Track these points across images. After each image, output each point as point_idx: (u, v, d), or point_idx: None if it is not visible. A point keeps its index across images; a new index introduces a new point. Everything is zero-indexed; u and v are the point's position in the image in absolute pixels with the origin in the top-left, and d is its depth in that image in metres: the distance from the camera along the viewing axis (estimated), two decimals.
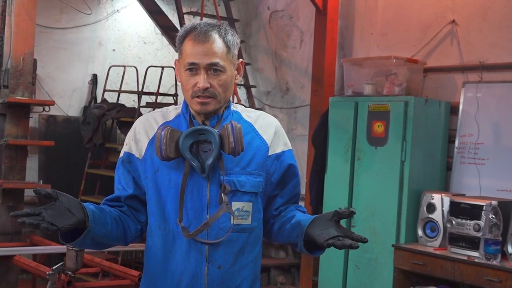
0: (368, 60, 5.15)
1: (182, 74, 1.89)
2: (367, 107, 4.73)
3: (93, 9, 6.77)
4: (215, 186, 1.87)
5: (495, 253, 3.92)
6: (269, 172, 1.96)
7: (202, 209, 1.87)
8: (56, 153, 6.28)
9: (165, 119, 1.96)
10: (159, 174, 1.90)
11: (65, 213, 1.70)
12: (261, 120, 1.99)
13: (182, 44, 1.89)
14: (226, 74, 1.88)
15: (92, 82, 6.78)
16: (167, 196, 1.88)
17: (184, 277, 1.87)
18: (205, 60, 1.84)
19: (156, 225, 1.91)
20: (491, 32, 4.65)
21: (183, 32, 1.90)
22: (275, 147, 1.97)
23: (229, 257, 1.88)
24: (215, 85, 1.86)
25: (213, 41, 1.86)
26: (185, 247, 1.87)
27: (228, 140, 1.82)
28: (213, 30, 1.88)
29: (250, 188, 1.90)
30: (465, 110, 4.66)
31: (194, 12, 6.71)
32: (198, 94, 1.85)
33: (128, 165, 1.95)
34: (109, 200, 1.98)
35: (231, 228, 1.86)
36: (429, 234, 4.37)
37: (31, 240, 5.04)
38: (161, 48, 7.18)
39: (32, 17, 4.97)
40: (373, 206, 4.67)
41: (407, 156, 4.49)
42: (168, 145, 1.83)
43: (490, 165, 4.47)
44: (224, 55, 1.87)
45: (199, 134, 1.86)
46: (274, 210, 2.02)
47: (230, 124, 1.85)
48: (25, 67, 4.95)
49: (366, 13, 5.56)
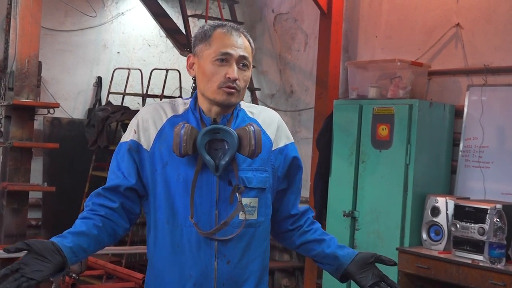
0: (372, 63, 5.15)
1: (208, 65, 1.88)
2: (371, 110, 4.72)
3: (98, 12, 6.78)
4: (224, 182, 1.89)
5: (499, 257, 3.91)
6: (274, 167, 1.98)
7: (211, 205, 1.88)
8: (61, 156, 6.28)
9: (174, 112, 1.95)
10: (168, 168, 1.89)
11: (42, 262, 1.69)
12: (263, 115, 2.02)
13: (210, 37, 1.90)
14: (249, 71, 1.93)
15: (96, 84, 6.79)
16: (176, 190, 1.88)
17: (193, 272, 1.88)
18: (239, 52, 1.88)
19: (164, 219, 1.90)
20: (495, 35, 4.64)
21: (209, 27, 1.93)
22: (278, 141, 2.00)
23: (237, 252, 1.90)
24: (241, 79, 1.89)
25: (243, 37, 1.93)
26: (195, 242, 1.87)
27: (250, 143, 1.85)
28: (240, 30, 1.94)
29: (256, 184, 1.92)
30: (470, 113, 4.65)
31: (199, 15, 6.72)
32: (227, 84, 1.86)
33: (136, 154, 1.92)
34: (107, 189, 1.92)
35: (243, 224, 1.88)
36: (434, 237, 4.36)
37: None
38: (165, 50, 7.18)
39: (37, 20, 4.98)
40: (377, 209, 4.66)
41: (412, 159, 4.48)
42: (187, 142, 1.83)
43: (495, 169, 4.46)
44: (250, 53, 1.93)
45: (215, 133, 1.87)
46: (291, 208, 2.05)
47: (252, 127, 1.87)
48: (30, 70, 4.96)
49: (370, 16, 5.55)
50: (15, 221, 4.94)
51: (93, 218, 1.88)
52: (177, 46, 6.31)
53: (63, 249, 1.75)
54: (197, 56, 1.93)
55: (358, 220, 4.77)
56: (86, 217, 1.89)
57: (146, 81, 6.33)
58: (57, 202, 6.26)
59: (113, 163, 1.96)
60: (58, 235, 1.82)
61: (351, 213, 4.81)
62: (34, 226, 6.24)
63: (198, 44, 1.93)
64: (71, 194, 6.30)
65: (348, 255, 1.98)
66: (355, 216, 4.80)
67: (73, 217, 6.83)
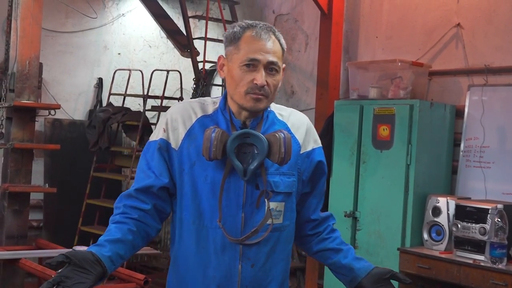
0: (373, 63, 5.14)
1: (236, 69, 1.86)
2: (372, 111, 4.72)
3: (99, 13, 6.78)
4: (252, 186, 1.88)
5: (500, 257, 3.90)
6: (300, 171, 1.97)
7: (237, 208, 1.87)
8: (62, 157, 6.29)
9: (204, 112, 1.94)
10: (195, 168, 1.88)
11: (83, 274, 1.68)
12: (292, 118, 2.00)
13: (239, 40, 1.87)
14: (279, 76, 1.91)
15: (97, 85, 6.79)
16: (203, 191, 1.88)
17: (217, 274, 1.87)
18: (266, 57, 1.85)
19: (190, 220, 1.89)
20: (496, 36, 4.63)
21: (239, 28, 1.89)
22: (306, 145, 1.99)
23: (262, 256, 1.90)
24: (270, 84, 1.87)
25: (273, 41, 1.89)
26: (220, 244, 1.87)
27: (279, 150, 1.84)
28: (271, 31, 1.90)
29: (284, 188, 1.92)
30: (471, 113, 4.64)
31: (200, 16, 6.72)
32: (254, 90, 1.85)
33: (166, 153, 1.91)
34: (139, 190, 1.89)
35: (269, 228, 1.88)
36: (435, 237, 4.35)
37: (37, 243, 5.06)
38: (166, 51, 7.18)
39: (38, 21, 4.99)
40: (378, 209, 4.66)
41: (413, 160, 4.48)
42: (217, 147, 1.82)
43: (496, 169, 4.45)
44: (280, 56, 1.90)
45: (245, 137, 1.87)
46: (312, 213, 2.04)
47: (282, 134, 1.86)
48: (31, 71, 4.96)
49: (371, 16, 5.55)
50: (16, 222, 4.94)
51: (127, 223, 1.86)
52: (177, 47, 6.31)
53: (102, 259, 1.74)
54: (227, 59, 1.91)
55: (359, 221, 4.77)
56: (119, 222, 1.87)
57: (147, 82, 6.32)
58: (58, 203, 6.27)
59: (141, 162, 1.94)
60: (96, 244, 1.81)
61: (352, 214, 4.80)
62: (36, 228, 6.25)
63: (227, 46, 1.91)
64: (72, 195, 6.31)
65: (363, 268, 1.97)
66: (356, 217, 4.79)
67: (74, 218, 6.88)
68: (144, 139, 6.20)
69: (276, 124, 1.95)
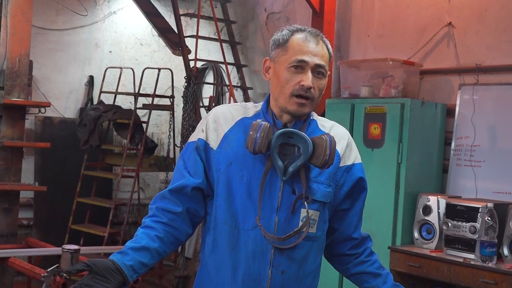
0: (364, 62, 5.13)
1: (284, 71, 1.86)
2: (363, 109, 4.71)
3: (90, 11, 6.76)
4: (288, 190, 1.85)
5: (490, 255, 3.91)
6: (339, 184, 1.95)
7: (272, 211, 1.85)
8: (52, 155, 6.27)
9: (245, 115, 1.94)
10: (232, 168, 1.87)
11: (103, 282, 1.69)
12: (334, 130, 1.98)
13: (288, 41, 1.88)
14: (325, 80, 1.91)
15: (88, 83, 6.78)
16: (237, 192, 1.86)
17: (246, 277, 1.85)
18: (315, 60, 1.86)
19: (223, 220, 1.87)
20: (487, 35, 4.64)
21: (287, 32, 1.91)
22: (346, 159, 1.96)
23: (293, 264, 1.86)
24: (315, 88, 1.87)
25: (322, 45, 1.90)
26: (251, 246, 1.84)
27: (324, 152, 1.81)
28: (319, 36, 1.91)
29: (320, 197, 1.89)
30: (462, 112, 4.65)
31: (191, 14, 6.70)
32: (300, 92, 1.84)
33: (204, 153, 1.91)
34: (173, 191, 1.90)
35: (303, 235, 1.84)
36: (425, 236, 4.36)
37: (27, 242, 5.03)
38: (157, 50, 7.17)
39: (28, 18, 4.96)
40: (369, 208, 4.59)
41: (404, 158, 4.48)
42: (264, 139, 1.80)
43: (486, 168, 4.46)
44: (328, 60, 1.90)
45: (289, 137, 1.84)
46: (353, 231, 2.01)
47: (329, 137, 1.83)
48: (21, 69, 4.94)
49: (362, 15, 5.55)
50: (6, 220, 4.92)
51: (155, 228, 1.86)
52: (169, 45, 6.29)
53: (123, 268, 1.75)
54: (274, 61, 1.91)
55: None
56: (147, 226, 1.87)
57: (138, 80, 6.30)
58: (49, 201, 6.25)
59: (179, 162, 1.95)
60: (119, 251, 1.81)
61: None
62: (26, 226, 6.22)
63: (275, 49, 1.92)
64: (63, 194, 6.29)
65: None
66: None
67: (65, 216, 6.84)
68: (135, 137, 6.19)
69: (318, 132, 1.92)
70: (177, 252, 5.88)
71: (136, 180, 6.21)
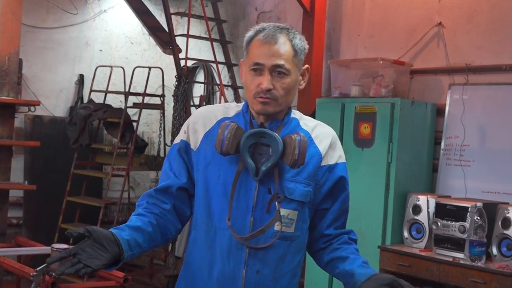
0: (355, 61, 5.13)
1: (247, 74, 1.89)
2: (353, 109, 4.71)
3: (80, 9, 6.73)
4: (264, 189, 1.86)
5: (480, 255, 3.93)
6: (319, 183, 1.93)
7: (247, 211, 1.85)
8: (42, 154, 6.23)
9: (225, 115, 1.95)
10: (209, 168, 1.89)
11: (99, 250, 1.70)
12: (318, 129, 1.97)
13: (249, 45, 1.90)
14: (290, 78, 1.87)
15: (78, 82, 6.75)
16: (214, 191, 1.88)
17: (220, 276, 1.86)
18: (270, 61, 1.84)
19: (201, 219, 1.90)
20: (477, 35, 4.65)
21: (252, 33, 1.91)
22: (329, 158, 1.95)
23: (268, 264, 1.86)
24: (278, 88, 1.85)
25: (280, 43, 1.86)
26: (226, 246, 1.86)
27: (293, 152, 1.81)
28: (282, 32, 1.88)
29: (298, 196, 1.88)
30: (451, 112, 4.66)
31: (182, 13, 6.69)
32: (260, 94, 1.85)
33: (185, 154, 1.94)
34: (159, 190, 1.93)
35: (277, 235, 1.84)
36: (415, 235, 4.37)
37: (16, 241, 5.00)
38: (148, 48, 7.15)
39: (17, 17, 4.94)
40: (359, 207, 4.66)
41: (394, 158, 4.49)
42: (231, 141, 1.82)
43: (476, 167, 4.47)
44: (290, 58, 1.87)
45: (261, 137, 1.85)
46: (326, 228, 1.98)
47: (298, 136, 1.83)
48: (11, 67, 4.92)
49: (353, 14, 5.55)
50: None
51: (148, 216, 1.89)
52: (159, 44, 6.27)
53: (121, 240, 1.76)
54: (243, 63, 1.94)
55: None
56: (141, 214, 1.90)
57: (129, 79, 6.29)
58: (38, 200, 6.21)
59: (165, 164, 1.98)
60: (116, 227, 1.83)
61: None
62: (15, 225, 6.19)
63: (244, 51, 1.94)
64: (53, 193, 6.26)
65: (364, 274, 1.85)
66: None
67: (54, 216, 6.82)
68: (125, 136, 6.17)
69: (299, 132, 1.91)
70: (167, 252, 5.87)
71: (126, 179, 6.20)
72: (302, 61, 1.92)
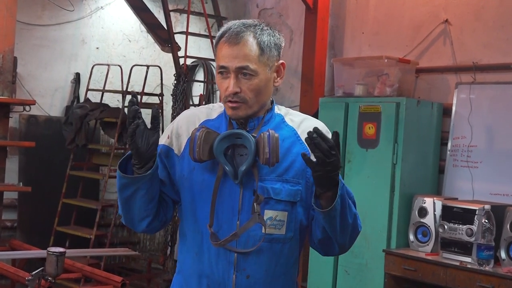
0: (359, 60, 5.12)
1: (217, 78, 1.86)
2: (358, 108, 4.68)
3: (76, 6, 6.67)
4: (249, 192, 1.82)
5: (487, 259, 3.90)
6: (310, 180, 1.84)
7: (233, 215, 1.82)
8: (37, 154, 6.20)
9: (208, 117, 1.92)
10: (194, 173, 1.86)
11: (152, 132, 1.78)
12: (304, 124, 1.90)
13: (216, 46, 1.85)
14: (259, 78, 1.82)
15: (74, 81, 6.72)
16: (200, 197, 1.85)
17: (210, 282, 1.84)
18: (234, 64, 1.79)
19: (187, 225, 1.89)
20: (484, 32, 4.63)
21: (219, 33, 1.86)
22: None
23: (259, 268, 1.83)
24: (245, 90, 1.81)
25: (244, 43, 1.81)
26: (214, 252, 1.83)
27: (263, 150, 1.76)
28: (247, 31, 1.82)
29: (285, 196, 1.83)
30: (458, 111, 4.63)
31: (181, 10, 6.62)
32: (228, 98, 1.81)
33: (166, 159, 1.90)
34: None
35: (262, 238, 1.80)
36: (421, 239, 4.35)
37: (10, 244, 4.96)
38: (146, 46, 7.10)
39: (12, 14, 4.94)
40: (363, 210, 4.56)
41: (399, 159, 4.45)
42: (201, 147, 1.79)
43: (483, 169, 4.44)
44: (256, 57, 1.81)
45: (236, 138, 1.81)
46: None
47: (268, 133, 1.77)
48: (5, 65, 4.94)
49: (357, 11, 5.53)
50: None
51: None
52: (158, 41, 6.24)
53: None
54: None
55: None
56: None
57: (126, 77, 6.24)
58: (33, 202, 6.18)
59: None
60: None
61: None
62: (9, 228, 6.17)
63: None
64: (48, 195, 6.23)
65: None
66: None
67: (50, 218, 6.72)
68: (122, 136, 6.11)
69: (283, 129, 1.87)
70: (165, 255, 5.84)
71: None
72: (275, 57, 1.85)
